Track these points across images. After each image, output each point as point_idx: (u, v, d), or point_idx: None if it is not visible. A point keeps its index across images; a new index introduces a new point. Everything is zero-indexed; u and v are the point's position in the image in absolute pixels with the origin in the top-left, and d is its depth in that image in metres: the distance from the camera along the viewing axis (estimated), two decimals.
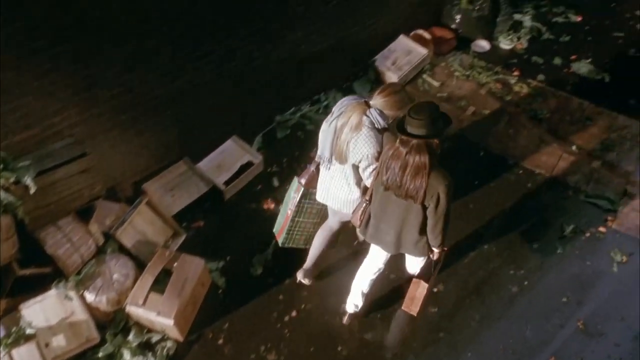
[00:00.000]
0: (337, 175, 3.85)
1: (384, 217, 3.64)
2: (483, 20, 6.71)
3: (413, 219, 3.51)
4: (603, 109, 6.02)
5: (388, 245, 3.79)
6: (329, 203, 4.04)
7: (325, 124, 3.77)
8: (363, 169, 3.66)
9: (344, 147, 3.62)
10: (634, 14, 7.21)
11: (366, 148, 3.55)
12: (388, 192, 3.47)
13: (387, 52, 6.27)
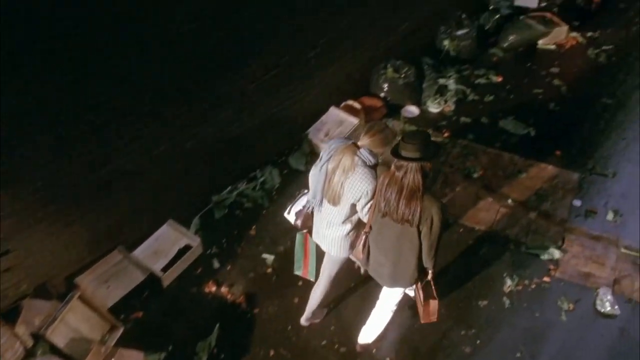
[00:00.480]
0: (328, 216, 3.96)
1: (382, 247, 3.82)
2: (410, 86, 6.92)
3: (409, 245, 3.68)
4: (533, 161, 6.20)
5: (385, 278, 3.96)
6: (322, 246, 4.18)
7: (315, 169, 3.90)
8: (362, 207, 3.80)
9: (337, 189, 3.76)
10: (549, 71, 7.58)
11: (365, 185, 3.70)
12: (385, 220, 3.66)
13: (320, 125, 6.35)
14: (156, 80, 4.51)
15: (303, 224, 4.24)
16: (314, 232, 4.22)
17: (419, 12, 7.31)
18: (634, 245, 5.33)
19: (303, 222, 4.23)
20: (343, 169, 3.72)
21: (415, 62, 7.23)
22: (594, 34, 8.39)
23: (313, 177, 3.95)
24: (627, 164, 6.22)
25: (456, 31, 7.70)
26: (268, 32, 5.31)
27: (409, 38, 7.33)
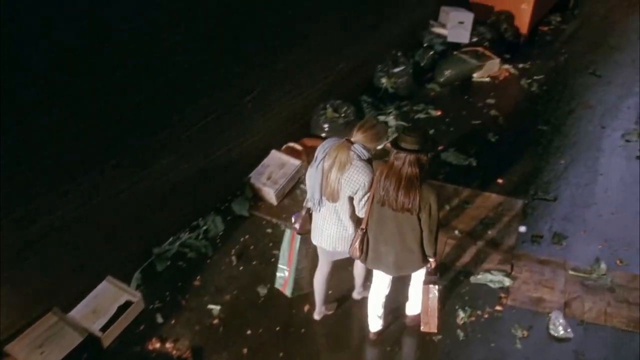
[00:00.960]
0: (328, 214, 4.10)
1: (383, 237, 4.00)
2: (350, 125, 6.87)
3: (410, 232, 3.90)
4: (476, 191, 6.23)
5: (389, 267, 4.13)
6: (323, 244, 4.25)
7: (312, 169, 4.04)
8: (359, 200, 3.95)
9: (335, 184, 3.92)
10: (486, 103, 7.74)
11: (362, 177, 3.86)
12: (385, 210, 3.87)
13: (261, 168, 6.26)
14: (88, 128, 4.35)
15: (301, 227, 4.38)
16: (314, 234, 4.30)
17: (354, 52, 7.39)
18: (581, 267, 5.35)
19: (301, 226, 4.37)
20: (339, 164, 3.87)
21: (355, 101, 7.27)
22: (525, 65, 8.66)
23: (310, 177, 4.07)
24: (567, 187, 6.33)
25: (393, 69, 7.81)
26: (202, 78, 5.25)
27: (347, 78, 7.39)
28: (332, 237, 4.18)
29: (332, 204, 4.02)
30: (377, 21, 7.71)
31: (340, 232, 4.13)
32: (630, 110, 7.62)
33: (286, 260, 4.64)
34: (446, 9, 8.89)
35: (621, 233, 5.73)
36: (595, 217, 5.94)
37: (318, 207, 4.10)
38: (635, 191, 6.27)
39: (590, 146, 6.97)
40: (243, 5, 5.45)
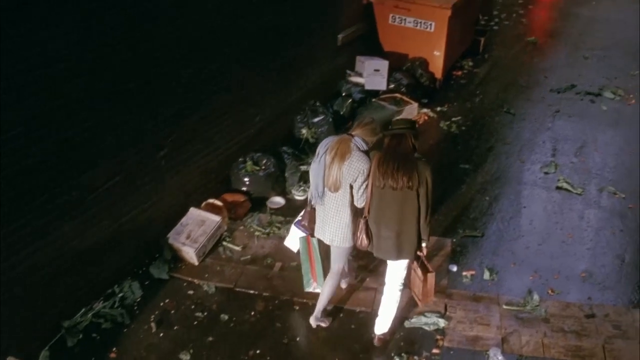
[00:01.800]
0: (329, 205, 4.50)
1: (384, 221, 4.37)
2: (272, 177, 6.74)
3: (410, 210, 4.28)
4: None
5: (390, 252, 4.47)
6: (325, 236, 4.62)
7: (314, 164, 4.47)
8: (358, 187, 4.35)
9: (337, 174, 4.33)
10: None
11: (362, 164, 4.29)
12: (385, 193, 4.26)
13: (180, 227, 5.93)
14: None
15: (309, 222, 4.78)
16: (317, 228, 4.69)
17: (271, 104, 7.29)
18: (514, 300, 5.26)
19: (309, 220, 4.79)
20: (341, 154, 4.32)
21: (275, 152, 7.10)
22: (443, 108, 8.80)
23: (313, 171, 4.49)
24: (493, 222, 6.32)
25: (312, 119, 7.73)
26: (109, 135, 4.96)
27: (265, 130, 7.25)
28: (331, 230, 4.57)
29: (334, 195, 4.44)
30: (292, 73, 7.68)
31: (339, 224, 4.51)
32: (545, 143, 7.79)
33: (308, 266, 5.19)
34: (362, 58, 9.00)
35: (550, 262, 5.72)
36: (523, 249, 5.91)
37: (320, 200, 4.52)
38: (558, 220, 6.31)
39: (511, 181, 7.04)
40: (152, 56, 5.26)
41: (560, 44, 11.26)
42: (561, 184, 6.88)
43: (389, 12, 9.25)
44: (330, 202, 4.48)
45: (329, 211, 4.51)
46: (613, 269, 5.63)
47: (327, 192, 4.45)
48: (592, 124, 8.33)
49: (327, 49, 8.54)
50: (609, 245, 5.95)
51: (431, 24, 9.00)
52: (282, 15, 7.16)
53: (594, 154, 7.55)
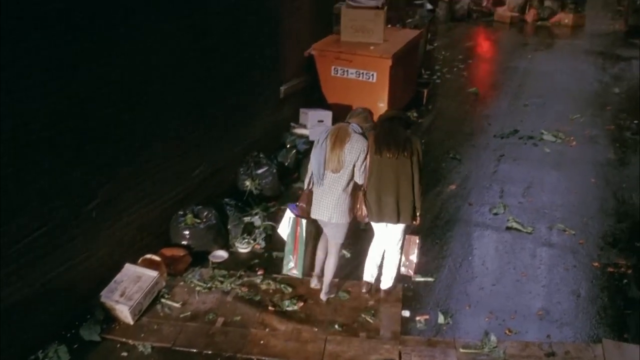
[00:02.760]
0: (329, 186, 5.07)
1: (384, 188, 5.03)
2: (213, 230, 6.41)
3: (405, 177, 5.00)
4: (354, 281, 5.84)
5: (391, 216, 5.11)
6: (322, 216, 5.17)
7: (315, 149, 5.09)
8: (360, 164, 5.00)
9: (339, 154, 4.96)
10: None
11: (361, 144, 5.00)
12: (383, 164, 4.98)
13: (114, 285, 5.50)
14: None
15: (303, 209, 5.30)
16: (314, 208, 5.20)
17: (213, 156, 7.05)
18: (471, 343, 5.00)
19: (306, 202, 5.26)
20: (341, 139, 4.98)
21: (218, 205, 6.80)
22: None
23: (314, 155, 5.08)
24: (446, 265, 6.13)
25: (256, 170, 7.51)
26: (33, 184, 4.61)
27: (207, 182, 6.98)
28: (329, 208, 5.09)
29: (335, 175, 5.02)
30: (235, 124, 7.50)
31: (338, 201, 5.06)
32: (492, 186, 7.75)
33: (292, 247, 5.69)
34: (305, 110, 8.91)
35: (505, 302, 5.52)
36: (477, 291, 5.71)
37: (321, 181, 5.07)
38: (510, 260, 6.17)
39: (461, 223, 6.91)
40: (83, 100, 4.97)
41: (501, 94, 11.49)
42: (511, 223, 6.78)
43: (331, 64, 9.26)
44: (329, 182, 5.05)
45: (328, 191, 5.07)
46: (570, 305, 5.46)
47: (327, 174, 5.03)
48: (536, 166, 8.36)
49: (270, 101, 8.43)
50: (564, 281, 5.81)
51: (373, 74, 9.03)
52: (224, 64, 7.04)
53: (540, 194, 7.52)
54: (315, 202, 5.17)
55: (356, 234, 6.15)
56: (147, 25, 5.75)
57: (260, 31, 7.90)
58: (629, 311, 5.30)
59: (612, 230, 6.68)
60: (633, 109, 10.48)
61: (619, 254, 6.19)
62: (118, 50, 5.36)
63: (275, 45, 8.42)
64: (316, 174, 5.08)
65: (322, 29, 9.84)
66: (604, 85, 11.96)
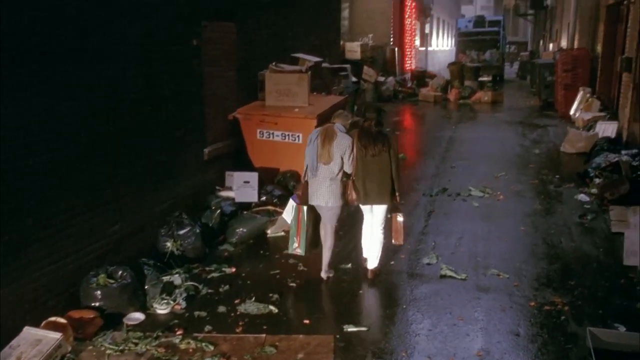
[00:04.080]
0: (322, 176, 6.13)
1: (369, 177, 6.16)
2: (128, 291, 5.88)
3: (386, 168, 6.16)
4: (281, 336, 5.39)
5: (375, 198, 6.24)
6: (319, 202, 6.20)
7: (309, 147, 6.19)
8: (347, 157, 6.09)
9: (329, 149, 6.06)
10: (283, 254, 7.20)
11: (346, 141, 6.10)
12: (367, 159, 6.12)
13: (9, 350, 4.87)
14: None
15: (303, 192, 6.30)
16: (311, 196, 6.24)
17: (130, 213, 6.62)
18: None
19: (303, 192, 6.31)
20: (330, 137, 6.10)
21: (135, 265, 6.29)
22: None
23: (308, 152, 6.19)
24: (376, 313, 5.86)
25: (178, 231, 7.08)
26: None
27: (125, 241, 6.53)
28: (325, 194, 6.16)
29: (326, 167, 6.09)
30: (156, 182, 7.15)
31: (331, 187, 6.14)
32: (423, 239, 7.61)
33: (295, 230, 6.32)
34: (230, 172, 8.66)
35: (443, 346, 5.19)
36: (414, 337, 5.36)
37: (315, 172, 6.13)
38: (446, 306, 5.90)
39: (394, 274, 6.65)
40: None
41: (428, 159, 11.64)
42: (444, 272, 6.56)
43: (256, 127, 9.14)
44: (322, 173, 6.12)
45: (323, 180, 6.13)
46: (510, 344, 5.16)
47: (320, 166, 6.08)
48: (466, 219, 8.30)
49: (194, 162, 8.15)
50: (502, 322, 5.54)
51: (299, 135, 8.94)
52: (145, 117, 6.79)
53: (472, 244, 7.39)
54: (312, 190, 6.21)
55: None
56: (62, 70, 5.50)
57: (183, 89, 7.74)
58: (570, 346, 5.05)
59: (545, 272, 6.55)
60: (553, 165, 10.79)
61: (554, 293, 6.03)
62: (29, 93, 5.04)
63: (199, 105, 8.27)
64: (311, 166, 6.15)
65: (248, 95, 9.81)
66: (524, 148, 12.33)
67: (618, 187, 8.33)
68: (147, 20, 6.91)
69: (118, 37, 6.33)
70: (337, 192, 6.15)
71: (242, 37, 9.55)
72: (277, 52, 10.77)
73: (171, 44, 7.46)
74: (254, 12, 10.04)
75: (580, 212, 8.33)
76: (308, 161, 6.17)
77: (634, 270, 6.40)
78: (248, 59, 9.80)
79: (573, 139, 11.60)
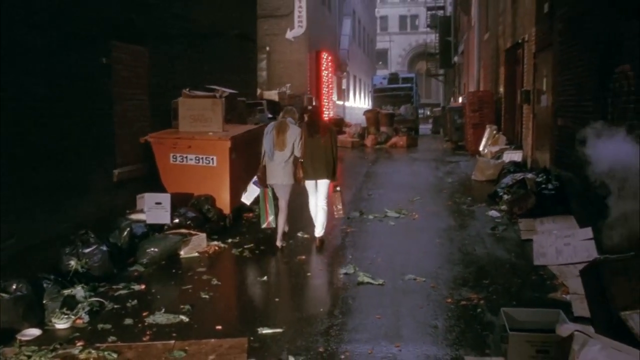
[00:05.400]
0: (277, 160, 7.62)
1: (314, 159, 7.68)
2: (23, 304, 5.40)
3: (329, 151, 7.70)
4: (192, 341, 5.08)
5: (320, 175, 7.74)
6: (277, 181, 7.75)
7: (266, 137, 7.65)
8: (297, 144, 7.57)
9: (283, 138, 7.54)
10: (197, 271, 6.94)
11: (296, 131, 7.60)
12: (314, 145, 7.65)
13: None
14: None
15: (262, 181, 7.83)
16: (269, 177, 7.75)
17: (27, 229, 6.19)
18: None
19: (260, 177, 7.83)
20: (284, 128, 7.58)
21: (34, 281, 5.82)
22: (234, 239, 8.24)
23: (266, 141, 7.63)
24: (292, 314, 5.65)
25: (83, 249, 6.65)
26: None
27: (21, 258, 6.06)
28: (280, 174, 7.63)
29: (281, 152, 7.53)
30: (57, 201, 6.77)
31: (285, 169, 7.59)
32: (340, 253, 7.53)
33: (264, 208, 8.12)
34: (141, 195, 8.32)
35: (359, 340, 5.04)
36: (331, 336, 5.17)
37: (272, 157, 7.56)
38: (363, 309, 5.79)
39: (309, 285, 6.51)
40: None
41: (345, 189, 11.67)
42: (362, 279, 6.46)
43: (169, 152, 8.90)
44: (277, 158, 7.57)
45: (278, 163, 7.59)
46: (428, 336, 5.08)
47: (275, 152, 7.52)
48: (383, 236, 8.34)
49: (102, 182, 7.81)
50: (420, 317, 5.46)
51: (213, 158, 8.77)
52: (47, 130, 6.46)
53: (389, 256, 7.36)
54: (270, 172, 7.69)
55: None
56: None
57: (92, 106, 7.48)
58: (486, 332, 5.02)
59: (460, 274, 6.59)
60: (465, 190, 11.14)
61: (470, 291, 6.04)
62: None
63: (108, 125, 7.98)
64: (268, 152, 7.59)
65: (161, 122, 9.63)
66: (438, 178, 12.70)
67: (525, 201, 8.62)
68: (54, 30, 6.69)
69: (19, 44, 6.07)
70: (289, 173, 7.59)
71: (155, 63, 9.43)
72: (192, 83, 10.66)
73: (79, 58, 7.25)
74: (167, 40, 9.97)
75: (492, 225, 8.54)
76: (266, 148, 7.59)
77: (544, 269, 6.54)
78: (162, 86, 9.66)
79: (482, 166, 12.04)
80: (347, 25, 36.30)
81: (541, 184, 8.78)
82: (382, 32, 62.63)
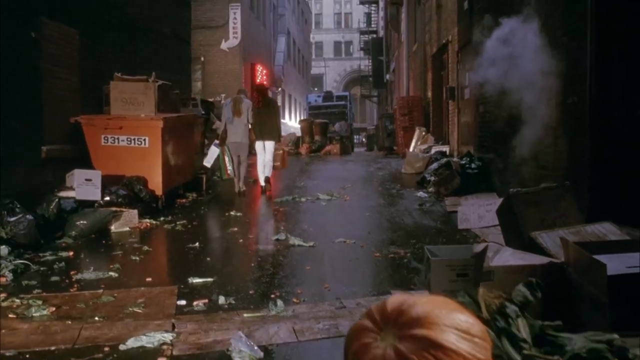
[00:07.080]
0: (236, 124, 10.05)
1: (262, 123, 10.13)
2: None
3: (273, 118, 10.35)
4: (121, 290, 5.06)
5: (266, 137, 10.19)
6: (237, 139, 10.06)
7: (225, 108, 10.33)
8: (249, 113, 10.02)
9: (239, 108, 10.01)
10: (128, 242, 6.87)
11: (249, 103, 10.18)
12: (261, 113, 10.12)
13: None
14: None
15: (221, 140, 10.15)
16: (230, 138, 10.07)
17: None
18: (256, 311, 4.46)
19: (221, 139, 10.16)
20: (239, 101, 10.09)
21: None
22: (167, 218, 8.21)
23: (226, 110, 10.21)
24: (225, 269, 5.62)
25: (8, 218, 6.49)
26: None
27: None
28: (240, 134, 10.06)
29: (239, 119, 10.00)
30: None
31: (244, 131, 10.08)
32: (272, 224, 7.59)
33: (224, 164, 10.29)
34: (70, 172, 8.17)
35: (289, 284, 5.15)
36: (262, 280, 5.26)
37: (232, 122, 9.98)
38: (293, 265, 5.91)
39: (242, 251, 6.57)
40: None
41: (278, 181, 11.91)
42: (293, 241, 6.58)
43: (101, 133, 8.77)
44: (236, 122, 9.96)
45: (237, 126, 9.99)
46: (356, 283, 5.25)
47: (234, 118, 9.92)
48: (315, 212, 8.55)
49: (30, 158, 7.65)
50: (349, 268, 5.69)
51: (145, 139, 8.72)
52: None
53: (320, 227, 7.54)
54: (231, 133, 9.98)
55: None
56: None
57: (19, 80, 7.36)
58: (412, 275, 5.23)
59: (388, 237, 6.84)
60: (395, 180, 11.53)
61: (397, 248, 6.26)
62: None
63: (36, 101, 7.85)
64: (229, 119, 9.97)
65: (93, 108, 9.50)
66: (369, 173, 13.09)
67: (451, 182, 9.00)
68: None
69: None
70: (246, 134, 10.06)
71: (86, 46, 9.37)
72: (124, 71, 10.62)
73: (7, 30, 7.14)
74: (100, 27, 9.93)
75: (419, 202, 8.86)
76: (227, 116, 10.03)
77: (468, 231, 6.86)
78: (93, 70, 9.58)
79: (412, 160, 12.45)
80: (282, 42, 36.77)
81: (465, 166, 9.19)
82: (317, 58, 63.51)
